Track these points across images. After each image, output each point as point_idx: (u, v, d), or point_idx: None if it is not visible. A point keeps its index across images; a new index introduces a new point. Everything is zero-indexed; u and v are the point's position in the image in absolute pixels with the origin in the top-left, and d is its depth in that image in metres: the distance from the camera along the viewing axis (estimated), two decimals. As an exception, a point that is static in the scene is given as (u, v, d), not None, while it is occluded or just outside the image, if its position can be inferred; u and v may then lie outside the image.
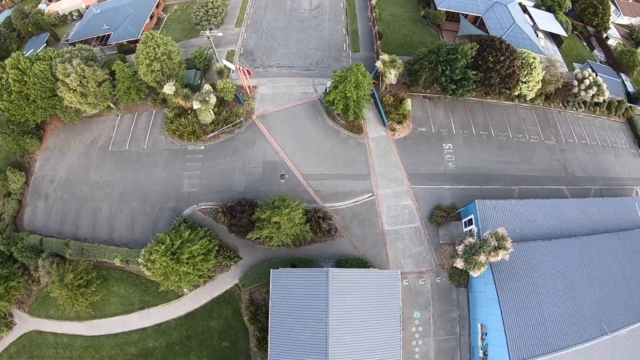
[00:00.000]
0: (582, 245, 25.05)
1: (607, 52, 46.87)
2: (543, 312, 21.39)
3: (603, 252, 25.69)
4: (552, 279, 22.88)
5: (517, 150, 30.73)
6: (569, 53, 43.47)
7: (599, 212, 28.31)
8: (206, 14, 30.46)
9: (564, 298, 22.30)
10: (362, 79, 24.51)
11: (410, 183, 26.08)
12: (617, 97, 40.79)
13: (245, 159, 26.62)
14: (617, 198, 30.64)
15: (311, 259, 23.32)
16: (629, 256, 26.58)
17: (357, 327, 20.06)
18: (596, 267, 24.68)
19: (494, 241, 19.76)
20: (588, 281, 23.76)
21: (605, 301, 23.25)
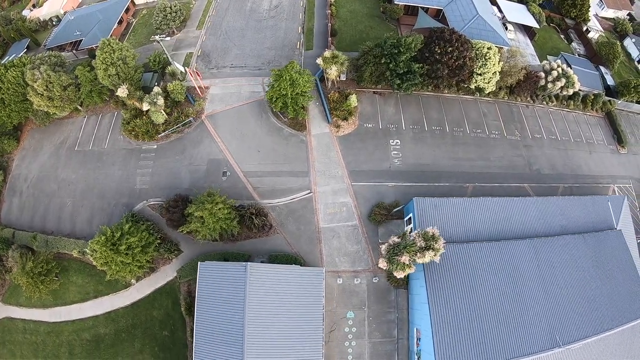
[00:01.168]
0: (536, 248, 23.35)
1: (586, 44, 44.36)
2: (483, 320, 20.02)
3: (562, 255, 23.88)
4: (496, 284, 21.38)
5: (474, 146, 29.10)
6: (543, 46, 40.59)
7: (564, 211, 26.42)
8: (165, 18, 31.85)
9: (509, 305, 20.78)
10: (297, 76, 24.59)
11: (351, 180, 25.73)
12: (593, 91, 37.82)
13: (191, 157, 27.66)
14: (587, 197, 28.65)
15: (243, 254, 23.99)
16: (594, 260, 24.67)
17: (276, 323, 20.19)
18: (552, 271, 22.93)
19: (420, 241, 18.83)
20: (540, 288, 22.09)
21: (560, 310, 21.53)
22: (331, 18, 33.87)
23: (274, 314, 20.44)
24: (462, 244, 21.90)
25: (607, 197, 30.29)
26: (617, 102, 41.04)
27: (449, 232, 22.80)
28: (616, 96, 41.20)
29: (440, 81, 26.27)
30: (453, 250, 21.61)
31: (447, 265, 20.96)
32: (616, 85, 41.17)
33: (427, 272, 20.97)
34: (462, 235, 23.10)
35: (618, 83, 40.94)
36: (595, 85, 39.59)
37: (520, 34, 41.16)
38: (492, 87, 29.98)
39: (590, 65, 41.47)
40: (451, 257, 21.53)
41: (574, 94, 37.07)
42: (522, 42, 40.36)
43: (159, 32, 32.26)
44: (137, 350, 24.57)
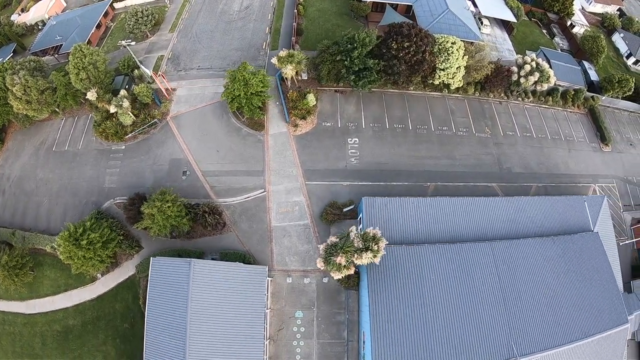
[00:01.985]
0: (495, 251, 22.45)
1: (570, 39, 43.04)
2: (428, 327, 19.36)
3: (527, 259, 22.97)
4: (446, 289, 20.55)
5: (439, 144, 28.44)
6: (522, 41, 39.26)
7: (534, 212, 25.43)
8: (137, 22, 33.13)
9: (459, 312, 19.97)
10: (250, 77, 25.10)
11: (305, 179, 25.90)
12: (574, 86, 35.92)
13: (155, 157, 28.67)
14: (562, 197, 27.46)
15: (197, 250, 24.65)
16: (564, 265, 23.45)
17: (219, 319, 20.71)
18: (513, 277, 21.98)
19: (359, 242, 18.64)
20: (498, 294, 21.16)
21: (520, 319, 20.53)
22: (298, 17, 34.04)
23: (217, 310, 20.93)
24: (407, 246, 21.31)
25: (584, 197, 28.89)
26: (601, 98, 39.16)
27: (399, 232, 22.31)
28: (600, 92, 39.35)
29: (398, 77, 25.75)
30: (398, 252, 20.96)
31: (392, 267, 20.63)
32: (600, 81, 39.33)
33: (369, 274, 20.74)
34: (414, 236, 22.58)
35: (602, 78, 39.10)
36: (576, 80, 37.90)
37: (498, 28, 39.82)
38: (459, 83, 29.19)
39: (572, 60, 39.71)
40: (397, 259, 21.01)
41: (553, 89, 35.84)
42: (499, 37, 39.05)
43: (132, 36, 33.74)
44: (100, 341, 25.96)
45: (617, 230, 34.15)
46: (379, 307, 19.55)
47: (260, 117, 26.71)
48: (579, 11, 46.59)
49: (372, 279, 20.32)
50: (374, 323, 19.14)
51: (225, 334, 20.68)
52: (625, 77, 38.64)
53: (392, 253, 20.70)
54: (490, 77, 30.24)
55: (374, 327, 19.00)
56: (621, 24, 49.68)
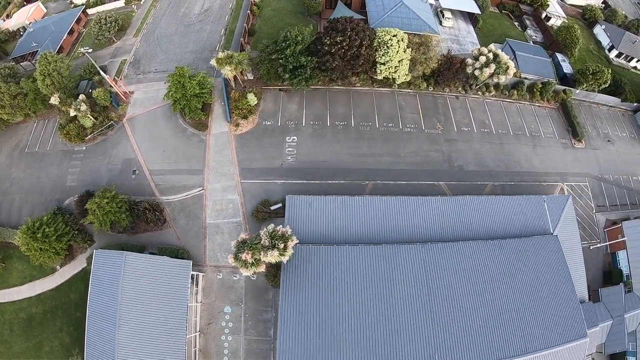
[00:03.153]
0: (424, 253, 21.74)
1: (545, 31, 41.78)
2: (339, 330, 19.10)
3: (464, 264, 21.84)
4: (363, 292, 20.06)
5: (383, 141, 28.58)
6: (489, 33, 38.33)
7: (483, 213, 24.51)
8: (101, 29, 35.58)
9: (376, 317, 19.46)
10: (186, 80, 26.52)
11: (241, 178, 27.09)
12: (542, 79, 34.26)
13: (110, 157, 30.98)
14: (518, 196, 26.57)
15: (138, 245, 26.57)
16: (511, 271, 22.15)
17: (146, 309, 22.37)
18: (444, 283, 21.06)
19: (266, 240, 19.43)
20: (424, 300, 20.33)
21: (448, 329, 19.55)
22: (253, 18, 35.15)
23: (145, 300, 22.57)
24: (320, 246, 21.26)
25: (544, 197, 27.68)
26: (575, 92, 37.33)
27: (323, 231, 22.33)
28: (574, 85, 37.39)
29: (332, 73, 26.14)
30: (312, 251, 20.88)
31: (306, 266, 20.97)
32: (573, 73, 37.28)
33: (283, 273, 21.24)
34: (338, 236, 22.58)
35: (575, 70, 37.12)
36: (545, 73, 36.63)
37: (463, 21, 39.10)
38: (405, 78, 29.08)
39: (542, 52, 38.43)
40: (311, 259, 20.96)
41: (518, 82, 34.81)
42: (462, 30, 38.38)
43: (97, 42, 36.37)
44: (57, 328, 28.49)
45: (587, 233, 32.60)
46: (288, 306, 19.90)
47: (202, 117, 28.23)
48: (557, 3, 44.90)
49: (286, 277, 20.83)
50: (281, 322, 19.54)
51: (151, 323, 22.28)
52: (601, 68, 36.66)
53: (306, 252, 20.80)
54: (442, 71, 29.94)
55: (282, 326, 19.43)
56: (604, 15, 47.14)
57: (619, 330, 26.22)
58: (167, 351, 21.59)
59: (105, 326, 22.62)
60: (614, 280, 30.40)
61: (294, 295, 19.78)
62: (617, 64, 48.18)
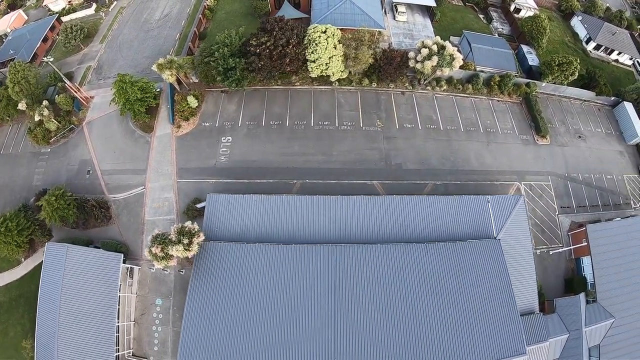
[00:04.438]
0: (336, 255, 22.14)
1: (512, 23, 42.11)
2: (245, 326, 20.16)
3: (383, 268, 21.94)
4: (269, 291, 20.79)
5: (316, 139, 30.23)
6: (449, 26, 39.03)
7: (417, 214, 24.63)
8: (67, 37, 39.71)
9: (281, 317, 20.11)
10: (128, 86, 29.52)
11: (178, 177, 29.85)
12: (502, 72, 34.27)
13: (70, 159, 34.77)
14: (458, 197, 26.59)
15: (85, 239, 29.89)
16: (437, 277, 21.97)
17: (84, 298, 25.57)
18: (358, 287, 21.20)
19: (173, 235, 21.87)
20: (330, 304, 20.37)
21: (354, 336, 19.57)
22: (206, 22, 37.86)
23: (83, 290, 25.72)
24: (231, 243, 22.63)
25: (489, 197, 27.17)
26: (541, 85, 36.72)
27: (240, 229, 23.81)
28: (539, 78, 36.92)
29: (258, 73, 27.99)
30: (221, 248, 21.99)
31: (215, 263, 22.67)
32: (539, 65, 36.86)
33: (194, 268, 23.15)
34: (255, 235, 23.94)
35: (541, 62, 36.49)
36: (506, 65, 36.78)
37: (420, 15, 39.94)
38: (340, 74, 30.30)
39: (503, 44, 38.71)
40: (220, 256, 22.20)
41: (473, 76, 35.00)
42: (418, 24, 39.24)
43: (65, 49, 40.56)
44: (20, 315, 32.42)
45: (546, 236, 32.40)
46: (195, 299, 21.60)
47: (146, 120, 31.26)
48: (530, -5, 44.20)
49: (195, 272, 22.73)
50: (187, 314, 21.07)
51: (87, 310, 25.45)
52: (568, 59, 36.00)
53: (218, 249, 22.32)
54: (381, 66, 30.92)
55: (187, 318, 20.95)
56: (582, 7, 45.97)
57: (576, 345, 25.43)
58: (100, 337, 24.62)
59: (50, 312, 26.24)
60: (576, 288, 29.54)
61: (202, 289, 21.83)
62: (596, 56, 46.98)
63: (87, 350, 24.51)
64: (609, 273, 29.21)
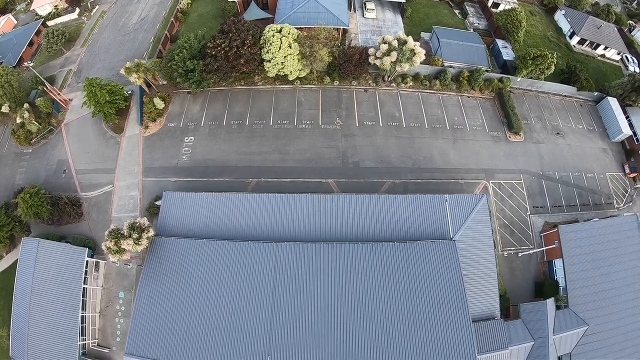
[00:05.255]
0: (282, 253, 23.32)
1: (489, 18, 42.89)
2: (191, 319, 21.71)
3: (331, 267, 22.71)
4: (214, 286, 22.21)
5: (274, 138, 31.90)
6: (421, 22, 40.17)
7: (370, 213, 25.29)
8: (49, 42, 42.85)
9: (223, 312, 21.45)
10: (96, 89, 32.01)
11: (143, 176, 32.25)
12: (472, 67, 34.57)
13: (48, 159, 37.81)
14: (415, 195, 26.99)
15: (59, 235, 32.68)
16: (388, 279, 22.43)
17: (53, 290, 28.21)
18: (297, 284, 22.10)
19: (125, 230, 24.45)
20: (268, 302, 21.49)
21: (289, 336, 20.40)
22: (178, 25, 40.24)
23: (52, 282, 28.41)
24: (180, 239, 24.38)
25: (446, 196, 27.56)
26: (516, 80, 36.98)
27: (193, 226, 25.56)
28: (514, 72, 37.31)
29: (215, 75, 29.82)
30: (173, 244, 23.86)
31: (168, 257, 24.66)
32: (514, 59, 37.26)
33: (145, 262, 25.19)
34: (207, 231, 25.62)
35: (518, 55, 36.94)
36: (477, 60, 37.34)
37: (391, 12, 41.21)
38: (299, 73, 31.71)
39: (476, 38, 39.53)
40: (173, 251, 24.04)
41: (441, 72, 35.72)
42: (388, 21, 40.56)
43: (47, 53, 43.85)
44: (1, 307, 35.94)
45: (516, 237, 32.65)
46: (145, 292, 23.63)
47: (115, 121, 33.85)
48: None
49: (147, 265, 24.84)
50: (137, 307, 23.02)
51: (55, 301, 28.02)
52: (543, 52, 36.30)
53: (168, 244, 24.26)
54: (341, 64, 32.33)
55: (136, 310, 22.92)
56: (567, 1, 46.61)
57: (542, 353, 25.29)
58: (65, 326, 27.19)
59: (23, 302, 28.98)
60: (546, 293, 29.31)
61: (152, 280, 24.07)
62: (581, 51, 47.01)
63: (54, 339, 27.16)
64: (582, 277, 29.03)
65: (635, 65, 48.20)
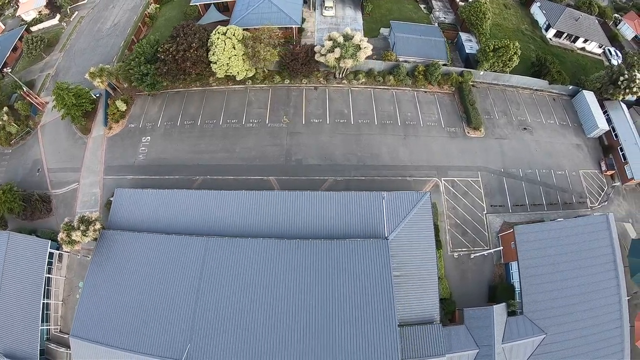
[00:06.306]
0: (206, 248, 25.38)
1: (457, 12, 44.51)
2: (126, 306, 24.72)
3: (261, 263, 24.54)
4: (147, 277, 25.08)
5: (222, 137, 34.95)
6: (383, 18, 42.68)
7: (305, 210, 26.95)
8: (29, 47, 47.68)
9: (151, 302, 24.08)
10: (64, 93, 36.14)
11: (104, 174, 36.08)
12: (428, 61, 35.83)
13: (25, 158, 42.46)
14: (352, 193, 28.40)
15: (30, 228, 37.22)
16: (317, 277, 23.68)
17: (19, 279, 32.35)
18: (218, 279, 24.07)
19: (75, 223, 28.28)
20: (191, 294, 23.78)
21: (209, 325, 22.40)
22: (146, 29, 44.10)
23: (22, 271, 32.90)
24: (125, 232, 27.55)
25: (384, 193, 28.30)
26: (479, 73, 38.16)
27: (140, 220, 28.59)
28: (476, 66, 38.36)
29: (165, 78, 33.06)
30: (120, 237, 27.11)
31: (116, 250, 28.15)
32: (478, 52, 38.29)
33: (93, 254, 28.51)
34: (154, 225, 28.58)
35: (481, 46, 37.96)
36: (434, 54, 38.68)
37: (352, 8, 43.33)
38: (246, 73, 34.23)
39: (435, 32, 41.15)
40: (121, 244, 27.26)
41: (394, 67, 37.40)
42: (347, 18, 42.84)
43: (28, 58, 49.04)
44: (-18, 295, 41.28)
45: (469, 238, 33.55)
46: (92, 281, 27.08)
47: (82, 123, 38.04)
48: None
49: (95, 256, 28.31)
50: (83, 292, 26.41)
51: (22, 290, 32.17)
52: (504, 43, 37.10)
53: (115, 237, 27.60)
54: (287, 62, 34.84)
55: (83, 295, 26.31)
56: None
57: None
58: (29, 312, 31.00)
59: None
60: (499, 297, 29.26)
61: (99, 270, 27.65)
62: (558, 44, 47.46)
63: (20, 324, 30.89)
64: (540, 282, 28.67)
65: (618, 59, 48.11)
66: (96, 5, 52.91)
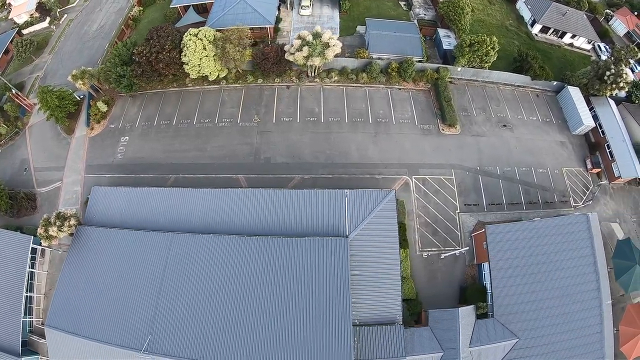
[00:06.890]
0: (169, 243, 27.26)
1: (437, 8, 45.81)
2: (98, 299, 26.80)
3: (211, 258, 26.12)
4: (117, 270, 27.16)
5: (195, 137, 36.88)
6: (360, 16, 44.23)
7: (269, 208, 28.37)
8: (18, 50, 50.69)
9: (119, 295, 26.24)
10: (48, 95, 38.75)
11: (85, 173, 38.45)
12: (403, 58, 36.93)
13: (13, 158, 45.21)
14: (315, 190, 29.60)
15: (16, 225, 39.97)
16: (276, 275, 24.82)
17: (2, 273, 35.38)
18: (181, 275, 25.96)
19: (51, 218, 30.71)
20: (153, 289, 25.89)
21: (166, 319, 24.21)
22: (129, 31, 46.48)
23: (3, 265, 35.73)
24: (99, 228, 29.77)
25: (347, 191, 29.12)
26: (456, 70, 38.93)
27: (114, 217, 30.87)
28: (452, 62, 39.15)
29: (140, 78, 35.04)
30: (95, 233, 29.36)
31: (91, 246, 30.54)
32: (455, 47, 39.02)
33: (70, 248, 30.92)
34: (127, 222, 30.73)
35: (459, 42, 38.70)
36: (409, 51, 39.73)
37: (329, 7, 44.61)
38: (218, 73, 35.96)
39: (412, 29, 42.11)
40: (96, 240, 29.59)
41: (367, 64, 38.52)
42: (324, 16, 44.18)
43: (18, 60, 52.20)
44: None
45: (440, 237, 34.16)
46: (67, 274, 29.43)
47: (65, 123, 40.67)
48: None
49: (71, 251, 30.70)
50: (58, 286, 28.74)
51: (5, 283, 34.94)
52: (481, 38, 37.73)
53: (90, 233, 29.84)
54: (258, 62, 36.47)
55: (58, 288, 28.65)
56: None
57: None
58: (12, 306, 33.32)
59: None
60: (470, 299, 29.55)
61: (74, 264, 30.04)
62: (544, 39, 47.78)
63: (3, 316, 33.04)
64: (512, 284, 28.78)
65: (608, 55, 48.03)
66: (84, 9, 55.68)
